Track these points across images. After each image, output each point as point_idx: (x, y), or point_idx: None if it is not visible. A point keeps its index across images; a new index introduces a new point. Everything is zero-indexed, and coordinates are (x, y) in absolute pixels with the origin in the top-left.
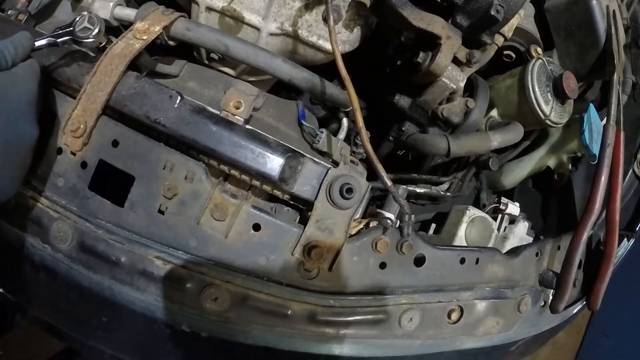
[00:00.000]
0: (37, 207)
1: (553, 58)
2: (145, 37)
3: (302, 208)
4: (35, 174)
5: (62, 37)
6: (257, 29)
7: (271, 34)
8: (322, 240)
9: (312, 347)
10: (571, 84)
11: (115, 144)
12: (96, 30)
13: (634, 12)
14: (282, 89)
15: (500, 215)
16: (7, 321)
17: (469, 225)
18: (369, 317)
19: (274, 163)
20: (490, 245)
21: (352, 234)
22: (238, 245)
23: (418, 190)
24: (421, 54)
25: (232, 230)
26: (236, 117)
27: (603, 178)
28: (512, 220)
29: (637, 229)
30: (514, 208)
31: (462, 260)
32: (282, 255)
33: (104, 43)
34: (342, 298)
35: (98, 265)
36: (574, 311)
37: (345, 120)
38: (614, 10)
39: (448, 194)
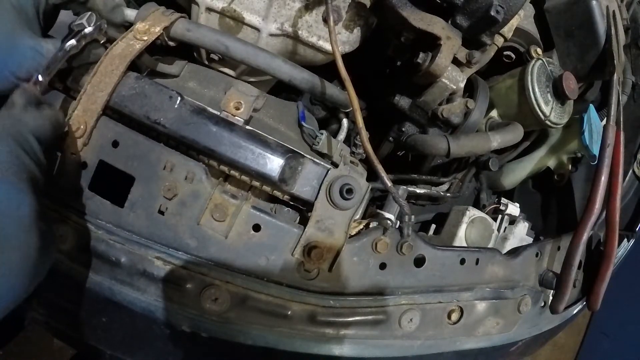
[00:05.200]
0: None
1: (553, 58)
2: (145, 38)
3: (302, 209)
4: None
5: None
6: (257, 29)
7: (271, 35)
8: (322, 241)
9: (312, 347)
10: (571, 84)
11: (115, 144)
12: (92, 27)
13: (634, 12)
14: (282, 90)
15: (500, 216)
16: (10, 325)
17: (469, 225)
18: (369, 317)
19: (274, 164)
20: (490, 245)
21: (352, 234)
22: (238, 245)
23: (418, 190)
24: (421, 55)
25: (232, 230)
26: (236, 117)
27: (603, 178)
28: (512, 220)
29: (637, 229)
30: (514, 208)
31: (462, 261)
32: (282, 255)
33: (102, 41)
34: (342, 298)
35: (98, 266)
36: (574, 311)
37: (345, 121)
38: (614, 11)
39: (448, 194)
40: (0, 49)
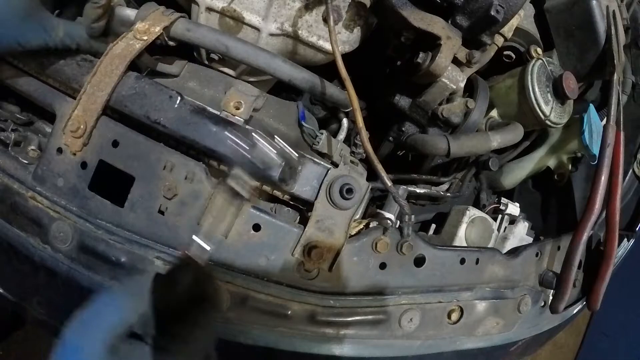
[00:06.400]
0: (37, 207)
1: (553, 58)
2: (145, 38)
3: (302, 208)
4: (36, 174)
5: None
6: (257, 29)
7: (271, 35)
8: (322, 241)
9: (312, 347)
10: (571, 84)
11: (115, 144)
12: None
13: (634, 12)
14: (282, 90)
15: (500, 216)
16: (7, 323)
17: (469, 225)
18: (369, 317)
19: (274, 163)
20: (490, 245)
21: (352, 234)
22: (238, 245)
23: (418, 190)
24: (421, 55)
25: (232, 230)
26: (236, 117)
27: (603, 178)
28: (512, 220)
29: (637, 229)
30: (514, 208)
31: (462, 261)
32: (282, 255)
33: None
34: (342, 298)
35: (98, 266)
36: (574, 311)
37: (345, 121)
38: (614, 11)
39: (448, 194)
40: (15, 21)
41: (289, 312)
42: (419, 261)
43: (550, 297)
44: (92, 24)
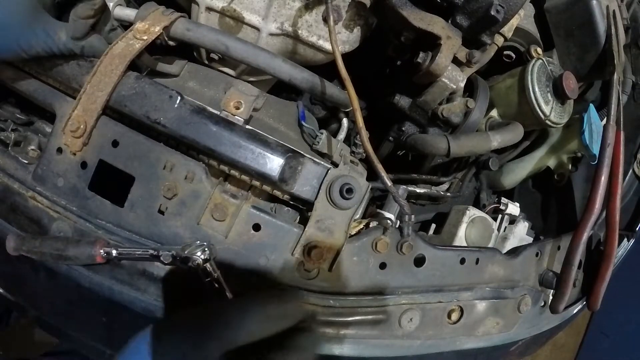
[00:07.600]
0: (37, 207)
1: (553, 58)
2: (145, 37)
3: (302, 208)
4: (36, 174)
5: None
6: (257, 29)
7: (271, 34)
8: (322, 241)
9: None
10: (571, 84)
11: (115, 144)
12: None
13: (634, 12)
14: (282, 90)
15: (500, 216)
16: (4, 320)
17: (469, 225)
18: (369, 317)
19: (274, 163)
20: (490, 245)
21: (352, 234)
22: (238, 245)
23: (418, 190)
24: (421, 54)
25: (232, 230)
26: (236, 117)
27: (603, 178)
28: (512, 220)
29: (637, 229)
30: (514, 208)
31: (462, 261)
32: (282, 255)
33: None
34: (342, 298)
35: (98, 265)
36: (574, 311)
37: (345, 121)
38: (614, 10)
39: (448, 194)
40: (16, 25)
41: None
42: (419, 261)
43: (550, 297)
44: (79, 19)
